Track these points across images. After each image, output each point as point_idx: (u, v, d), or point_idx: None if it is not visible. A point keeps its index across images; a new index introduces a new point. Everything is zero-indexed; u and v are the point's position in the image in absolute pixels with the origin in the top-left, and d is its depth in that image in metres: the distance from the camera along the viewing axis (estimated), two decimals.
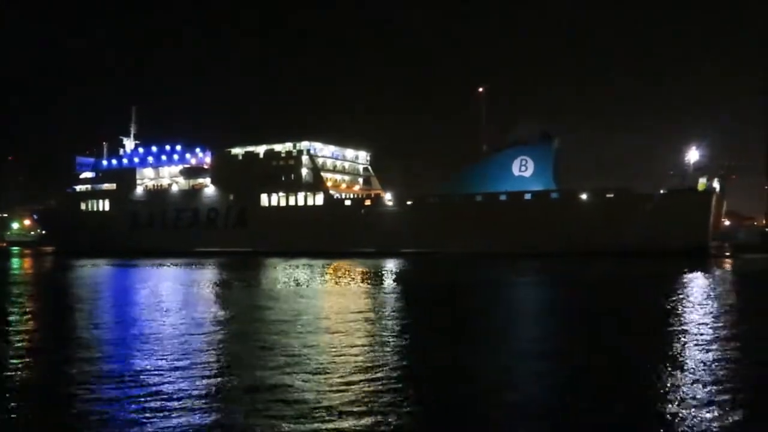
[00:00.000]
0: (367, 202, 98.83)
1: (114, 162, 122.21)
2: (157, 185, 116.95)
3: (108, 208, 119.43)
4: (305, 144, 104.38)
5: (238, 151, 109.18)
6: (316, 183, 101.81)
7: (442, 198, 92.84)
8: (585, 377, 16.54)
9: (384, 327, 23.78)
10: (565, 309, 31.29)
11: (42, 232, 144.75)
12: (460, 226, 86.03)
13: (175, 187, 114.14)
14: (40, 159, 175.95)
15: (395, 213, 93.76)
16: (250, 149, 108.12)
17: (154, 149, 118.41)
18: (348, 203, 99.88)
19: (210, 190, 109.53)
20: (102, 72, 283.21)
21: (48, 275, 57.30)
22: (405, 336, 22.06)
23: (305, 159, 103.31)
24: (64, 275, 55.01)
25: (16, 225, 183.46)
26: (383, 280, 46.31)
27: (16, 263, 75.34)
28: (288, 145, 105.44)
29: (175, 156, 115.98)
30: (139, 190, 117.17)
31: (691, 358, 18.29)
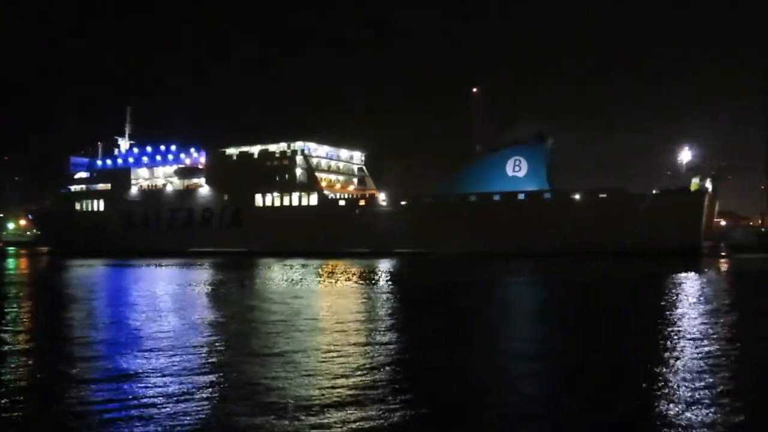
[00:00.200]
0: (362, 202, 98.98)
1: (109, 162, 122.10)
2: (152, 185, 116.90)
3: (103, 208, 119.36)
4: (299, 144, 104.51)
5: (232, 152, 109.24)
6: (310, 183, 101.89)
7: (436, 198, 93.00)
8: (581, 377, 16.59)
9: (379, 327, 23.84)
10: (561, 309, 31.38)
11: (37, 232, 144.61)
12: (454, 226, 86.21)
13: (170, 187, 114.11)
14: (38, 159, 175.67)
15: (389, 213, 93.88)
16: (244, 149, 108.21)
17: (148, 149, 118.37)
18: (342, 203, 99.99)
19: (204, 190, 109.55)
20: (102, 72, 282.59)
21: (42, 276, 57.14)
22: (400, 336, 22.11)
23: (299, 159, 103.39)
24: (58, 276, 54.89)
25: (12, 225, 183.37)
26: (378, 280, 46.42)
27: (11, 263, 75.07)
28: (282, 146, 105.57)
29: (170, 156, 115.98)
30: (134, 190, 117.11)
31: (688, 357, 18.37)
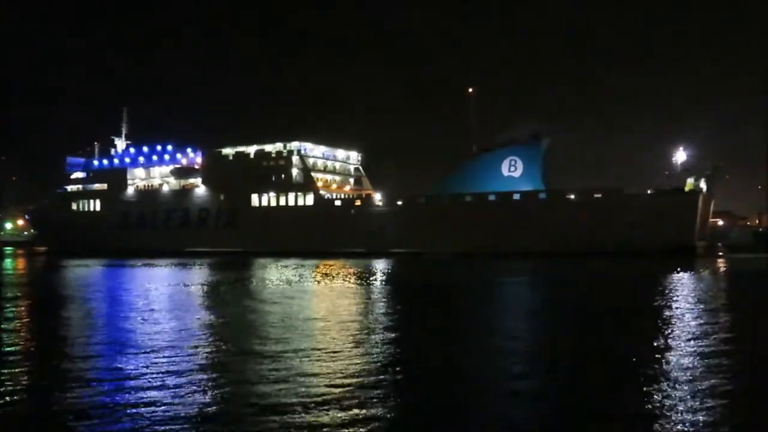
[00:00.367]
0: (357, 202, 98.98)
1: (105, 162, 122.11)
2: (148, 185, 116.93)
3: (99, 208, 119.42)
4: (295, 144, 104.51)
5: (228, 152, 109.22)
6: (306, 183, 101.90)
7: (431, 198, 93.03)
8: (581, 377, 16.44)
9: (377, 328, 23.64)
10: (559, 309, 31.06)
11: (34, 232, 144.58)
12: (449, 226, 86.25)
13: (166, 187, 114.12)
14: (36, 159, 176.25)
15: (385, 213, 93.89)
16: (240, 149, 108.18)
17: (145, 149, 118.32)
18: (338, 203, 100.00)
19: (201, 190, 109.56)
20: (102, 72, 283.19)
21: (39, 276, 56.75)
22: (399, 337, 21.98)
23: (295, 159, 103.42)
24: (54, 276, 54.76)
25: (9, 225, 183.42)
26: (374, 280, 46.28)
27: (8, 264, 74.98)
28: (278, 146, 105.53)
29: (166, 156, 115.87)
30: (130, 190, 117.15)
31: (687, 356, 18.33)
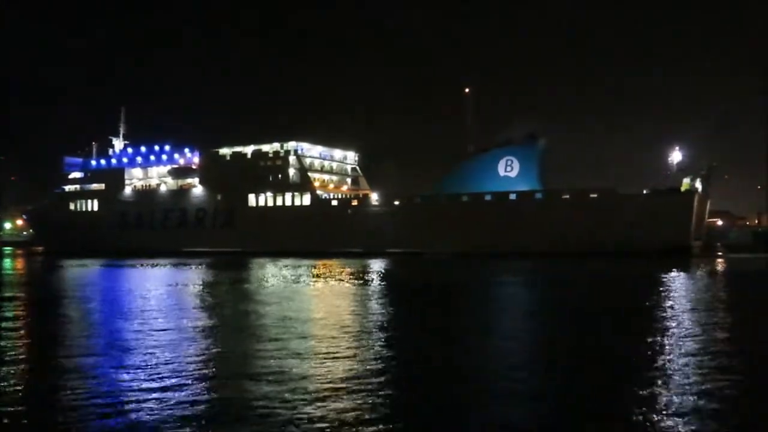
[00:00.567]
0: (354, 202, 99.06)
1: (103, 162, 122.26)
2: (146, 185, 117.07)
3: (97, 208, 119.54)
4: (292, 144, 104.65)
5: (225, 152, 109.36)
6: (303, 183, 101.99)
7: (428, 198, 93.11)
8: (579, 377, 16.36)
9: (376, 329, 23.54)
10: (557, 309, 31.01)
11: (33, 232, 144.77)
12: (446, 226, 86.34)
13: (164, 187, 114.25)
14: (36, 159, 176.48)
15: (382, 213, 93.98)
16: (237, 149, 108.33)
17: (143, 149, 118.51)
18: (335, 203, 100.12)
19: (198, 190, 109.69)
20: (102, 72, 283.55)
21: (38, 276, 56.65)
22: (398, 337, 21.99)
23: (292, 159, 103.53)
24: (52, 276, 54.80)
25: (9, 225, 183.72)
26: (371, 280, 46.29)
27: (6, 264, 75.06)
28: (275, 146, 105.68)
29: (164, 156, 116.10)
30: (128, 190, 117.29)
31: (685, 355, 18.36)
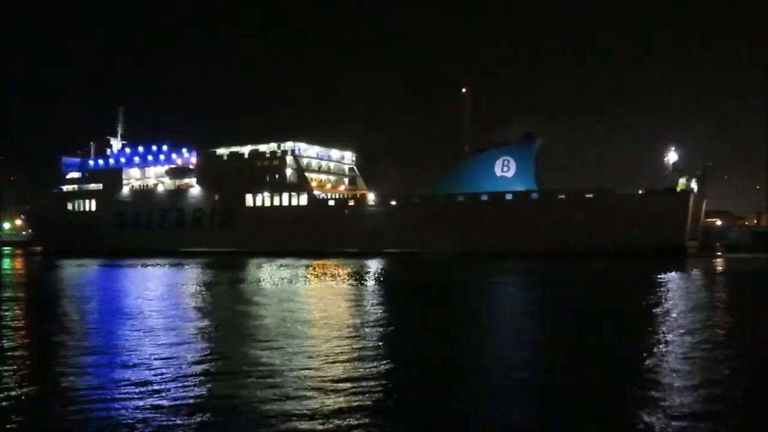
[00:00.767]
0: (351, 202, 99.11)
1: (101, 162, 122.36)
2: (143, 185, 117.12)
3: (94, 208, 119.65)
4: (289, 144, 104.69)
5: (223, 152, 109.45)
6: (300, 183, 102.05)
7: (425, 198, 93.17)
8: (579, 377, 16.44)
9: (376, 329, 23.58)
10: (556, 308, 31.09)
11: (31, 231, 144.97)
12: (442, 226, 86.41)
13: (161, 188, 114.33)
14: (36, 159, 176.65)
15: (378, 213, 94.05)
16: (234, 149, 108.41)
17: (140, 149, 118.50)
18: (332, 203, 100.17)
19: (195, 190, 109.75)
20: (102, 72, 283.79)
21: (36, 277, 56.69)
22: (398, 337, 22.05)
23: (289, 159, 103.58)
24: (50, 277, 54.90)
25: (8, 225, 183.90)
26: (368, 280, 46.39)
27: (6, 264, 75.19)
28: (272, 146, 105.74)
29: (161, 156, 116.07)
30: (125, 190, 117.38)
31: (685, 356, 18.50)
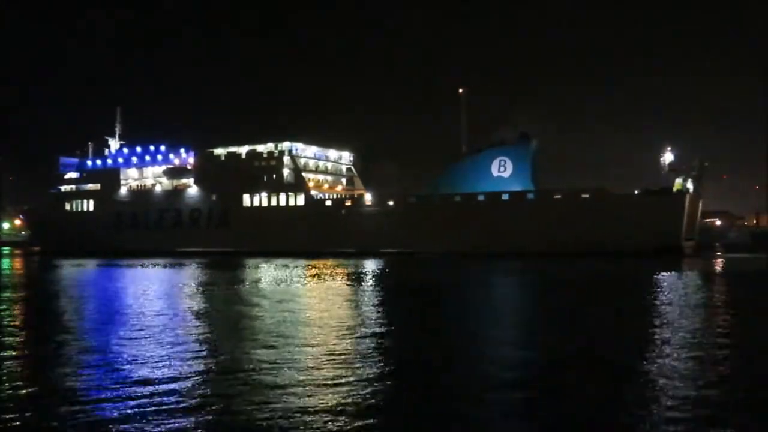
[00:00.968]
0: (348, 202, 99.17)
1: (98, 162, 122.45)
2: (141, 185, 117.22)
3: (92, 208, 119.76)
4: (287, 144, 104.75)
5: (220, 152, 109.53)
6: (297, 183, 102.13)
7: (422, 198, 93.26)
8: (578, 378, 16.45)
9: (375, 329, 23.66)
10: (555, 308, 31.14)
11: (29, 231, 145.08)
12: (439, 226, 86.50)
13: (159, 188, 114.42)
14: (35, 159, 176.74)
15: (375, 213, 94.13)
16: (232, 150, 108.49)
17: (138, 149, 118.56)
18: (329, 204, 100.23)
19: (193, 190, 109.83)
20: (102, 72, 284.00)
21: (35, 277, 56.76)
22: (398, 338, 22.12)
23: (287, 159, 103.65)
24: (49, 276, 55.02)
25: (7, 225, 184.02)
26: (365, 280, 46.52)
27: (5, 264, 75.33)
28: (270, 146, 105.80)
29: (159, 156, 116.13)
30: (123, 190, 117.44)
31: (682, 354, 18.62)
